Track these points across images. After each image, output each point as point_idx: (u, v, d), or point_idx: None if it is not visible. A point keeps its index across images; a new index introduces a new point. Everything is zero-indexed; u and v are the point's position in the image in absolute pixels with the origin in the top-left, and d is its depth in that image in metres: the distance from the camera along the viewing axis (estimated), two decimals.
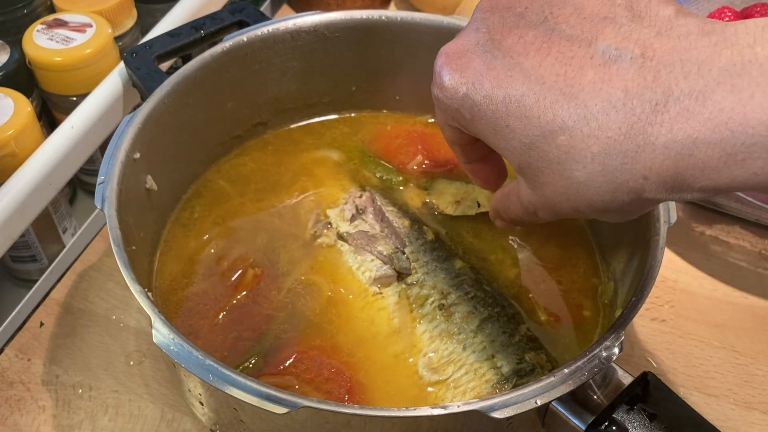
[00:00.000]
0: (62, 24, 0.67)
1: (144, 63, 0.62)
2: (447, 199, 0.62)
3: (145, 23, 0.76)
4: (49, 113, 0.70)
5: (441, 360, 0.52)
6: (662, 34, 0.36)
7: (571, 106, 0.38)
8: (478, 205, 0.61)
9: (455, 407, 0.41)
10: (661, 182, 0.36)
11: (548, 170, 0.40)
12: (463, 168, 0.53)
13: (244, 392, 0.41)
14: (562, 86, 0.38)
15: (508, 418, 0.41)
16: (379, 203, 0.60)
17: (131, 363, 0.60)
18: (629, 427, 0.42)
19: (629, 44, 0.37)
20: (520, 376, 0.50)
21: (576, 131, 0.37)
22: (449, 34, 0.64)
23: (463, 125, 0.45)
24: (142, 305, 0.45)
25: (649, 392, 0.43)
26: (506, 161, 0.46)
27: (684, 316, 0.65)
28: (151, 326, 0.44)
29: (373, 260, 0.57)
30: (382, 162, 0.66)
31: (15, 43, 0.65)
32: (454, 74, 0.43)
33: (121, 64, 0.65)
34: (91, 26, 0.67)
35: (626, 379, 0.44)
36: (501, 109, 0.40)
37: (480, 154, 0.50)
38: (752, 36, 0.34)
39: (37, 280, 0.67)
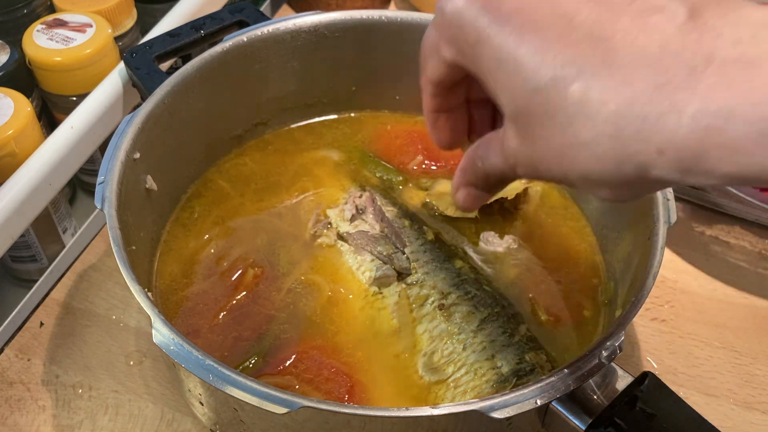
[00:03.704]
0: (62, 24, 0.67)
1: (144, 63, 0.62)
2: (447, 199, 0.62)
3: (145, 23, 0.76)
4: (49, 113, 0.70)
5: (441, 360, 0.52)
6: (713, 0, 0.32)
7: (597, 51, 0.32)
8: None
9: (455, 407, 0.41)
10: (678, 160, 0.31)
11: (549, 122, 0.34)
12: (425, 116, 0.45)
13: (244, 392, 0.41)
14: (591, 26, 0.32)
15: (508, 418, 0.41)
16: (379, 203, 0.61)
17: (131, 363, 0.60)
18: (629, 427, 0.42)
19: (675, 2, 0.32)
20: (519, 376, 0.50)
21: (594, 82, 0.32)
22: None
23: (462, 50, 0.37)
24: (142, 305, 0.45)
25: (649, 392, 0.43)
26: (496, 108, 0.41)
27: (684, 316, 0.65)
28: (151, 326, 0.44)
29: (373, 260, 0.57)
30: (382, 162, 0.66)
31: (15, 43, 0.65)
32: None
33: (121, 64, 0.65)
34: (91, 26, 0.67)
35: (626, 379, 0.44)
36: (514, 38, 0.34)
37: (452, 104, 0.44)
38: None
39: (37, 280, 0.67)
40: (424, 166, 0.66)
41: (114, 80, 0.65)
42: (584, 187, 0.35)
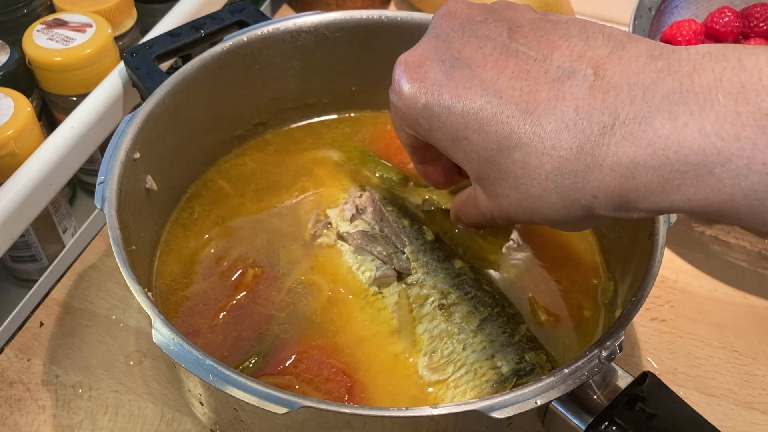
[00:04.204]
0: (62, 24, 0.67)
1: (144, 63, 0.62)
2: (448, 195, 0.62)
3: (145, 23, 0.76)
4: (49, 113, 0.70)
5: (441, 360, 0.52)
6: (614, 54, 0.37)
7: (527, 122, 0.38)
8: None
9: (455, 407, 0.41)
10: (609, 201, 0.37)
11: (504, 183, 0.41)
12: (414, 168, 0.54)
13: (244, 392, 0.41)
14: (518, 101, 0.39)
15: (508, 418, 0.41)
16: (378, 203, 0.60)
17: (131, 363, 0.60)
18: (629, 427, 0.42)
19: (582, 62, 0.38)
20: (519, 376, 0.50)
21: (531, 148, 0.38)
22: None
23: (421, 134, 0.45)
24: (142, 305, 0.45)
25: (649, 392, 0.43)
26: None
27: (684, 316, 0.65)
28: (151, 326, 0.44)
29: (373, 260, 0.57)
30: (382, 161, 0.66)
31: (15, 43, 0.65)
32: (414, 84, 0.43)
33: (121, 64, 0.65)
34: (91, 26, 0.67)
35: (626, 379, 0.44)
36: (459, 121, 0.41)
37: (432, 156, 0.51)
38: (692, 64, 0.35)
39: (37, 280, 0.67)
40: None
41: (114, 80, 0.65)
42: (550, 225, 0.42)
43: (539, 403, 0.41)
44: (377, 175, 0.65)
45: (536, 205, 0.40)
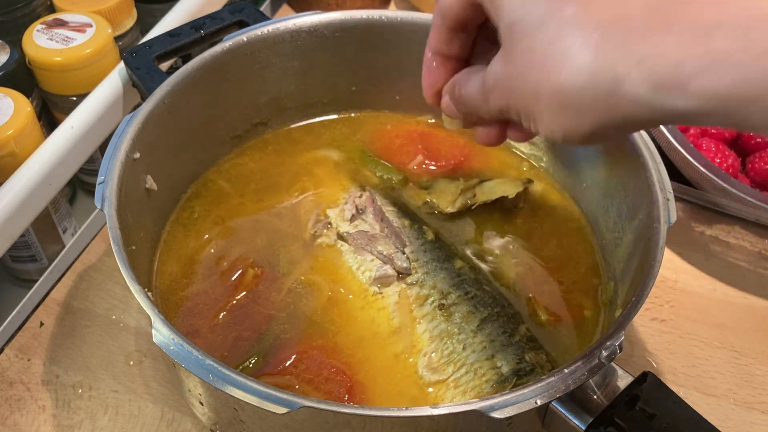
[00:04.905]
0: (62, 24, 0.67)
1: (144, 63, 0.62)
2: (448, 198, 0.62)
3: (145, 23, 0.76)
4: (49, 113, 0.70)
5: (441, 360, 0.52)
6: None
7: None
8: (474, 196, 0.62)
9: (455, 407, 0.41)
10: (655, 73, 0.32)
11: (539, 33, 0.36)
12: (425, 58, 0.48)
13: (244, 392, 0.41)
14: None
15: (508, 418, 0.41)
16: (378, 203, 0.61)
17: (131, 363, 0.60)
18: (629, 427, 0.42)
19: None
20: (519, 376, 0.50)
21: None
22: None
23: None
24: (142, 305, 0.45)
25: (649, 392, 0.43)
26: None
27: (684, 316, 0.65)
28: (151, 326, 0.44)
29: (373, 260, 0.57)
30: (382, 161, 0.66)
31: (15, 43, 0.65)
32: None
33: (121, 64, 0.65)
34: (91, 26, 0.67)
35: (626, 379, 0.44)
36: None
37: (452, 49, 0.46)
38: None
39: (37, 280, 0.67)
40: (424, 165, 0.66)
41: (114, 80, 0.65)
42: (549, 110, 0.36)
43: (539, 403, 0.41)
44: (377, 175, 0.65)
45: (558, 64, 0.35)
